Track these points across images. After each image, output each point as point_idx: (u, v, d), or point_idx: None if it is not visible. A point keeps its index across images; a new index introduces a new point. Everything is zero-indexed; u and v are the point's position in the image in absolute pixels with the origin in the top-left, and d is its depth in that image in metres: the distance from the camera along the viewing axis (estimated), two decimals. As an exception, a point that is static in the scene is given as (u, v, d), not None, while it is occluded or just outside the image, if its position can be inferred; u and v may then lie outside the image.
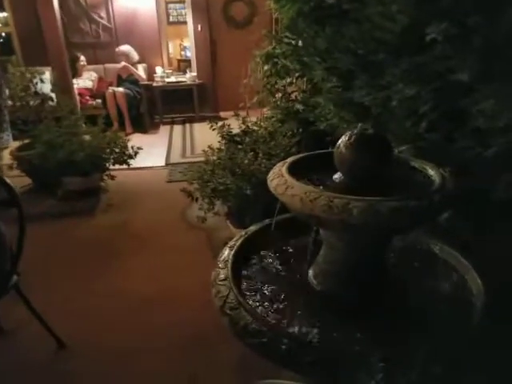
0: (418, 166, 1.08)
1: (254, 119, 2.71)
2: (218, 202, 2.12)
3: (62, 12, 4.75)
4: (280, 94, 2.82)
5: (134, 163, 3.49)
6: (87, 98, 5.45)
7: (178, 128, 5.76)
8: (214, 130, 2.40)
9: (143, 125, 5.63)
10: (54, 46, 3.87)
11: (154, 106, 5.89)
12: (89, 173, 3.27)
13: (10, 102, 3.66)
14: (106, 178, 3.36)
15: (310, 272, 1.12)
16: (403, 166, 1.10)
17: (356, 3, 1.89)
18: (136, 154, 3.33)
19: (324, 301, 1.05)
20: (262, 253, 1.34)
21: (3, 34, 5.70)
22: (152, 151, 4.52)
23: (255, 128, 2.60)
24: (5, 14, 5.65)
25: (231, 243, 1.35)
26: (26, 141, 3.51)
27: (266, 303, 1.05)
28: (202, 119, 5.93)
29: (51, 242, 2.68)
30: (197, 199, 2.14)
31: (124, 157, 3.28)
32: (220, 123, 2.50)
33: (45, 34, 3.85)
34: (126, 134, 5.23)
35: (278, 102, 2.73)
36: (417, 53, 1.36)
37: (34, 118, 3.34)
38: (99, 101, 5.45)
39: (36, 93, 3.44)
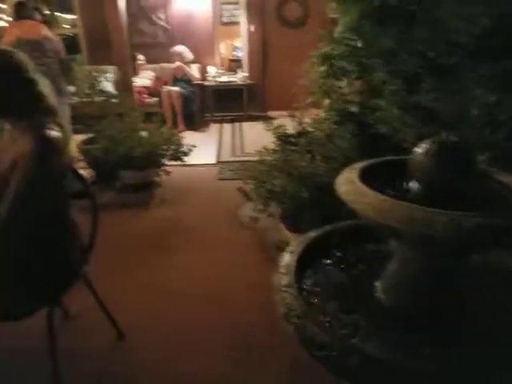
0: (502, 180, 0.99)
1: (306, 120, 2.64)
2: (272, 202, 2.09)
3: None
4: (335, 96, 2.73)
5: (186, 160, 3.54)
6: (145, 96, 5.60)
7: (227, 126, 5.80)
8: (268, 130, 2.36)
9: (194, 123, 5.71)
10: (118, 47, 3.99)
11: (205, 105, 5.96)
12: (145, 168, 3.35)
13: (75, 99, 3.83)
14: (161, 173, 3.43)
15: (378, 285, 1.05)
16: (486, 178, 1.01)
17: (424, 4, 1.78)
18: (190, 151, 3.37)
19: (393, 315, 0.99)
20: (323, 260, 1.29)
21: (70, 35, 6.02)
22: (203, 149, 4.56)
23: (310, 129, 2.54)
24: (73, 16, 5.97)
25: (291, 248, 1.31)
26: (90, 135, 3.65)
27: (332, 314, 1.00)
28: (250, 118, 5.94)
29: (108, 233, 2.72)
30: (252, 199, 2.11)
31: (179, 154, 3.33)
32: (275, 124, 2.46)
33: (110, 35, 3.99)
34: (179, 132, 5.31)
35: (333, 104, 2.65)
36: (499, 57, 1.24)
37: (98, 114, 3.47)
38: (156, 99, 5.59)
39: (101, 90, 3.57)
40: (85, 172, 3.44)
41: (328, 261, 1.28)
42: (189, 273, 2.28)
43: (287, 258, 1.25)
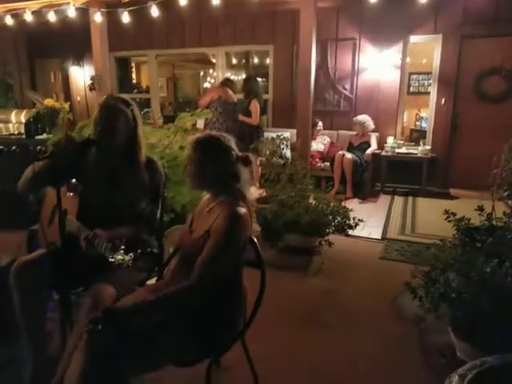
0: None
1: (498, 209, 2.40)
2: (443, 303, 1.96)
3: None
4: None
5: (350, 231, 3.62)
6: (317, 160, 6.00)
7: (399, 200, 5.65)
8: (450, 221, 2.25)
9: (364, 191, 5.77)
10: (301, 114, 4.47)
11: (377, 174, 5.99)
12: (309, 234, 3.55)
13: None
14: (323, 242, 3.57)
15: None
16: None
17: None
18: (356, 225, 3.43)
19: None
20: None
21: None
22: (369, 221, 4.56)
23: (500, 224, 2.31)
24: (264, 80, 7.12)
25: (462, 370, 1.22)
26: (264, 194, 4.12)
27: None
28: (427, 194, 5.68)
29: (265, 294, 2.98)
30: (420, 298, 2.01)
31: (344, 226, 3.43)
32: (457, 214, 2.33)
33: (298, 103, 4.51)
34: (346, 198, 5.48)
35: (536, 201, 2.37)
36: None
37: (273, 176, 3.90)
38: (327, 163, 5.92)
39: (280, 156, 4.03)
40: (253, 227, 3.87)
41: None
42: (337, 356, 2.28)
43: (454, 381, 1.17)
